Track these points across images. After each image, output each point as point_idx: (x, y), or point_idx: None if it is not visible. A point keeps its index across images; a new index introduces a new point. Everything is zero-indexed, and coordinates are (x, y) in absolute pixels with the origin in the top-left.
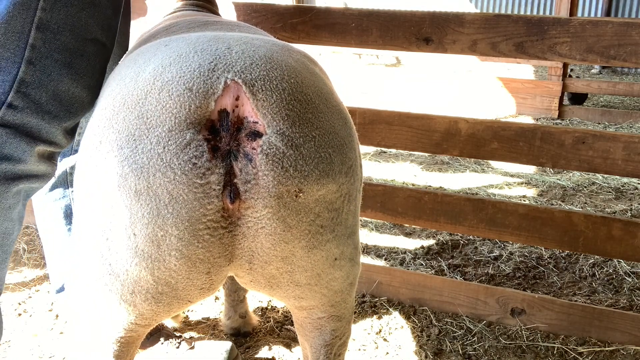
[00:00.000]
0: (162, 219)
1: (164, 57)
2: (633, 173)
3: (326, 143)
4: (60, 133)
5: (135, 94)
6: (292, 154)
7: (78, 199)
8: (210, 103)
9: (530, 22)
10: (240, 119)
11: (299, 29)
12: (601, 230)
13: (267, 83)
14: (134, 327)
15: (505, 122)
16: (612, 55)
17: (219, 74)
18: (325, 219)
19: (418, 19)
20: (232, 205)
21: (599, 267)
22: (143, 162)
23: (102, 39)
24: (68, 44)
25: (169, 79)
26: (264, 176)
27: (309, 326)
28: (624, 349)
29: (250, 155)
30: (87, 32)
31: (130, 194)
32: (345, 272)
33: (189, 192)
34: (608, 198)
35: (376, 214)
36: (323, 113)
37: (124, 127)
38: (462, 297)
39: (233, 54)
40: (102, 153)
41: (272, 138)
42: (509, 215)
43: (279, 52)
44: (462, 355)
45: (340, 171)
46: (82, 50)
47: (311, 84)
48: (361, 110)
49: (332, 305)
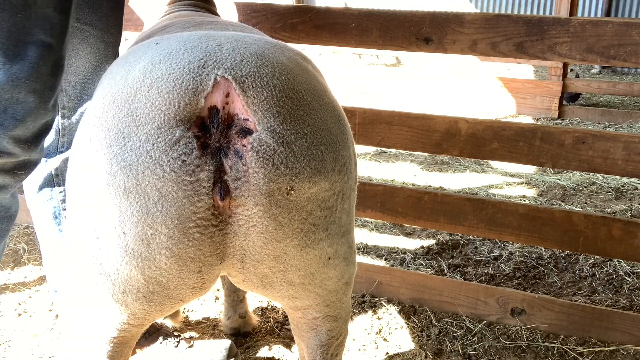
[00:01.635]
0: (152, 217)
1: (154, 55)
2: (633, 173)
3: (318, 140)
4: (10, 142)
5: (125, 91)
6: (283, 151)
7: (70, 198)
8: (199, 100)
9: (530, 22)
10: (230, 116)
11: (299, 29)
12: (601, 230)
13: (258, 80)
14: (126, 327)
15: (505, 122)
16: (612, 55)
17: (208, 71)
18: (318, 217)
19: (418, 19)
20: (222, 202)
21: (599, 267)
22: (132, 159)
23: (47, 40)
24: (5, 50)
25: (158, 76)
26: (254, 173)
27: (304, 326)
28: (624, 349)
29: (241, 152)
30: (26, 35)
31: (119, 192)
32: (339, 272)
33: (179, 189)
34: (608, 198)
35: (376, 214)
36: (315, 110)
37: (114, 124)
38: (462, 297)
39: (223, 50)
40: (91, 151)
41: (262, 135)
42: (509, 215)
43: (270, 50)
44: (462, 355)
45: (332, 169)
46: (23, 55)
47: (303, 81)
48: (361, 110)
49: (327, 305)
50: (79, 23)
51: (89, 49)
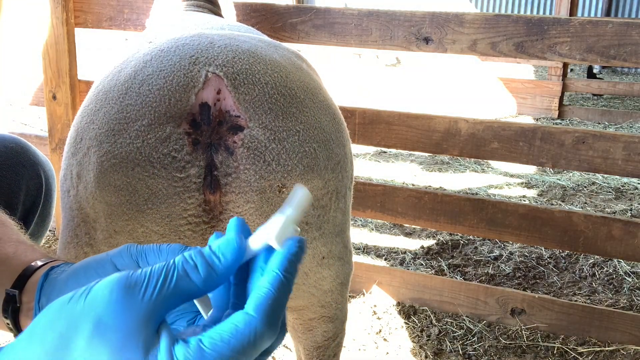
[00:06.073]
0: (142, 214)
1: (146, 53)
2: (633, 173)
3: (311, 138)
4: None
5: (116, 89)
6: (274, 148)
7: (62, 197)
8: (190, 96)
9: (530, 22)
10: (222, 112)
11: (298, 28)
12: (601, 230)
13: (250, 76)
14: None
15: (505, 122)
16: (612, 55)
17: (199, 67)
18: (311, 215)
19: (418, 18)
20: (213, 196)
21: (599, 267)
22: (122, 156)
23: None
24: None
25: (149, 73)
26: (245, 170)
27: (300, 327)
28: (624, 349)
29: (232, 149)
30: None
31: (110, 190)
32: (334, 272)
33: (169, 186)
34: (608, 198)
35: (376, 214)
36: (308, 108)
37: (105, 122)
38: (462, 297)
39: (215, 47)
40: (82, 149)
41: (254, 131)
42: (509, 215)
43: (263, 48)
44: (462, 355)
45: (326, 167)
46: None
47: (296, 78)
48: (361, 110)
49: (322, 305)
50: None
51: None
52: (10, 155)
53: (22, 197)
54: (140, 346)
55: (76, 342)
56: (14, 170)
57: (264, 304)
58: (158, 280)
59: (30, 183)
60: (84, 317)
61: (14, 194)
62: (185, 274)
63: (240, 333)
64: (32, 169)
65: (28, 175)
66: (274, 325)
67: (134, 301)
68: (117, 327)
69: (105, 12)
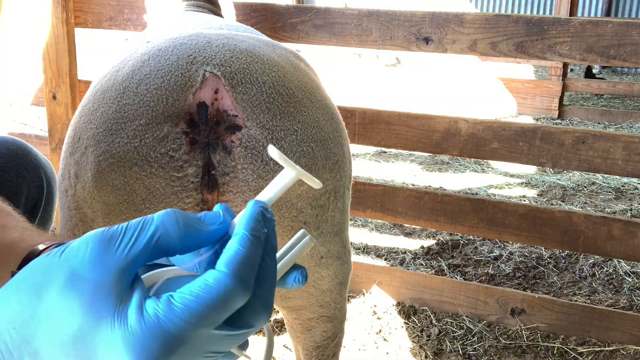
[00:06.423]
0: (140, 214)
1: (144, 53)
2: (633, 173)
3: (309, 137)
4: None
5: (114, 88)
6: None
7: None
8: (188, 96)
9: (530, 22)
10: (219, 112)
11: (298, 28)
12: (601, 230)
13: (247, 76)
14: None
15: (505, 122)
16: (612, 55)
17: (197, 67)
18: (309, 215)
19: (418, 18)
20: (211, 195)
21: (599, 267)
22: (120, 156)
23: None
24: None
25: (147, 73)
26: (243, 169)
27: (299, 327)
28: (624, 349)
29: (229, 148)
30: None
31: (107, 189)
32: (332, 271)
33: (166, 185)
34: (608, 198)
35: (376, 214)
36: (306, 107)
37: (102, 121)
38: (462, 297)
39: (213, 47)
40: (80, 149)
41: (251, 131)
42: (509, 215)
43: (261, 47)
44: (462, 355)
45: (324, 166)
46: None
47: (294, 78)
48: (361, 110)
49: (321, 305)
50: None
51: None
52: (12, 158)
53: (24, 199)
54: (112, 298)
55: (49, 292)
56: (16, 172)
57: (232, 260)
58: (134, 232)
59: (31, 185)
60: (59, 269)
61: (16, 197)
62: (164, 227)
63: (209, 287)
64: (34, 171)
65: (29, 178)
66: (245, 283)
67: (108, 253)
68: (89, 278)
69: (105, 12)
